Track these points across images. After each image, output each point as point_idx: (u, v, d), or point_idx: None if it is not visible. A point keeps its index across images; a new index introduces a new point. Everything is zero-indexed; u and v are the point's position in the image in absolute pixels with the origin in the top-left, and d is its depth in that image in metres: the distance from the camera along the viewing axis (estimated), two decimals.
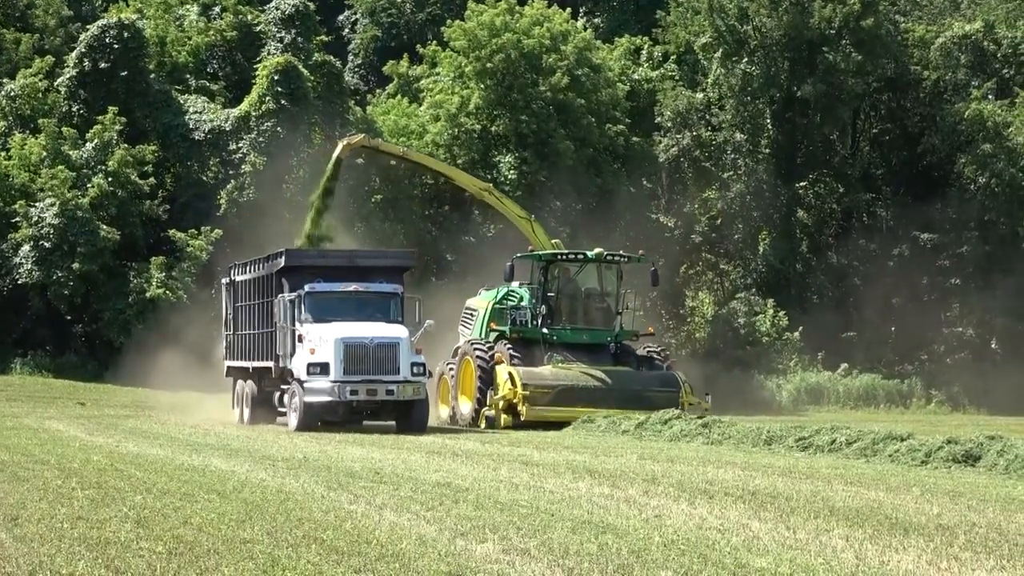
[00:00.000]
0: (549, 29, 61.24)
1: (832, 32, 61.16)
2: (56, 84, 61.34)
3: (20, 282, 55.68)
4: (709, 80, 64.43)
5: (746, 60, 62.20)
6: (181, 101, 61.49)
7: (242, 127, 59.53)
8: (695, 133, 64.20)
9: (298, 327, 31.41)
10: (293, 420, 30.89)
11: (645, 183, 65.61)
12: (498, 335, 35.98)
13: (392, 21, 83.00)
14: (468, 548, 11.80)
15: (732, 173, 64.46)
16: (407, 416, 31.04)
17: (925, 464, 21.57)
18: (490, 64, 60.26)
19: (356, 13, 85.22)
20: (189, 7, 69.54)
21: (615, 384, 34.16)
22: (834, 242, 66.40)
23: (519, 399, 32.95)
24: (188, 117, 60.56)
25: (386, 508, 14.53)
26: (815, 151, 64.63)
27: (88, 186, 56.01)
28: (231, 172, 59.46)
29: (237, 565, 10.86)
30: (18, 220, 55.81)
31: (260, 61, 62.27)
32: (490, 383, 34.17)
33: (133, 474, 18.14)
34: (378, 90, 70.65)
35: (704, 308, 63.65)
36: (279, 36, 64.43)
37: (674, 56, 67.58)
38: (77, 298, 55.66)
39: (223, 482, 17.14)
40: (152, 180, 57.88)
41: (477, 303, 38.55)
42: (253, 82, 60.75)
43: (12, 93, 60.84)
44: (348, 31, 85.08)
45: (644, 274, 38.19)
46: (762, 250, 63.74)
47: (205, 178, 60.68)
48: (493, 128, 60.98)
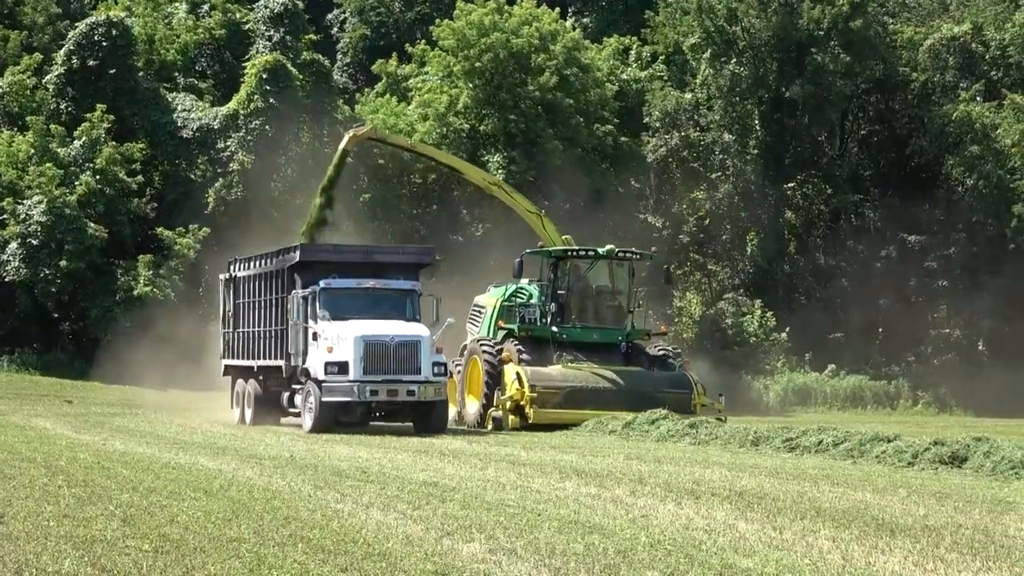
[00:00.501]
0: (538, 29, 61.22)
1: (821, 33, 61.19)
2: (44, 81, 61.29)
3: (7, 279, 55.59)
4: (698, 80, 64.46)
5: (734, 61, 62.21)
6: (169, 99, 61.45)
7: (230, 125, 59.49)
8: (683, 133, 64.20)
9: (312, 324, 30.26)
10: (308, 420, 29.62)
11: (633, 183, 65.70)
12: (506, 333, 34.82)
13: (381, 20, 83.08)
14: (455, 547, 11.80)
15: (720, 174, 64.50)
16: (426, 417, 29.94)
17: (912, 465, 21.57)
18: (479, 63, 60.25)
19: (345, 12, 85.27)
20: (177, 5, 69.51)
21: (626, 385, 32.95)
22: (822, 243, 66.42)
23: (526, 400, 31.96)
24: (176, 115, 60.52)
25: (373, 507, 14.51)
26: (803, 152, 64.64)
27: (76, 184, 55.91)
28: (219, 170, 59.44)
29: (223, 563, 10.84)
30: (6, 217, 55.72)
31: (248, 59, 62.25)
32: (497, 383, 32.95)
33: (119, 472, 18.08)
34: (366, 89, 70.59)
35: (692, 308, 63.60)
36: (268, 34, 64.36)
37: (663, 56, 67.66)
38: (64, 296, 55.63)
39: (210, 480, 17.10)
40: (140, 178, 57.86)
41: (485, 300, 37.16)
42: (241, 80, 60.74)
43: (0, 90, 60.75)
44: (337, 30, 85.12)
45: (647, 272, 37.70)
46: (750, 251, 63.79)
47: (193, 176, 60.65)
48: (482, 127, 60.93)
